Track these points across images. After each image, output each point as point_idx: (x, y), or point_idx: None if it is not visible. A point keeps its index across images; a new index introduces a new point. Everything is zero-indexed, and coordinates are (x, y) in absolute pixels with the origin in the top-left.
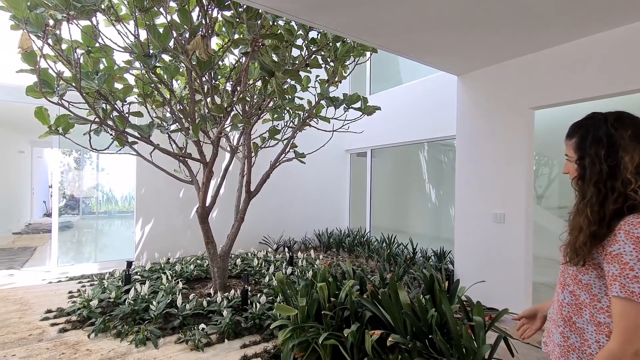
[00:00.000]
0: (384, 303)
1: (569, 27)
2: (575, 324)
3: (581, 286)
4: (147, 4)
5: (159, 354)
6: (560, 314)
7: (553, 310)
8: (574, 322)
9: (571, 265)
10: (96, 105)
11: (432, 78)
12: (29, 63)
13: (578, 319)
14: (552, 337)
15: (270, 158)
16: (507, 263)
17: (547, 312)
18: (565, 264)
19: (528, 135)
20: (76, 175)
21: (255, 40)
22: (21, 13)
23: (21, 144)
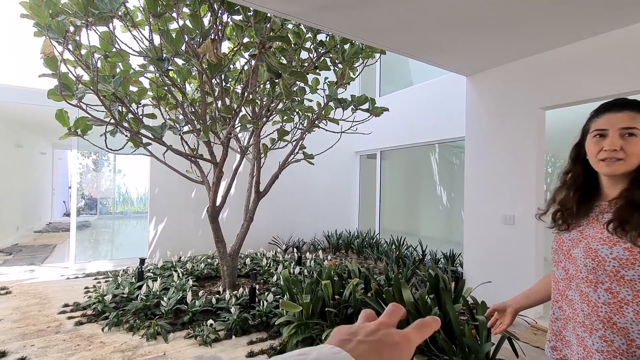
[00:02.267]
0: (388, 301)
1: (580, 25)
2: (616, 325)
3: (623, 282)
4: (160, 9)
5: (169, 348)
6: (597, 315)
7: (578, 312)
8: (615, 323)
9: None
10: (112, 108)
11: (443, 79)
12: (50, 68)
13: (620, 318)
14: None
15: (279, 159)
16: (517, 265)
17: (517, 307)
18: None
19: (538, 135)
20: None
21: (263, 42)
22: (44, 20)
23: (43, 146)
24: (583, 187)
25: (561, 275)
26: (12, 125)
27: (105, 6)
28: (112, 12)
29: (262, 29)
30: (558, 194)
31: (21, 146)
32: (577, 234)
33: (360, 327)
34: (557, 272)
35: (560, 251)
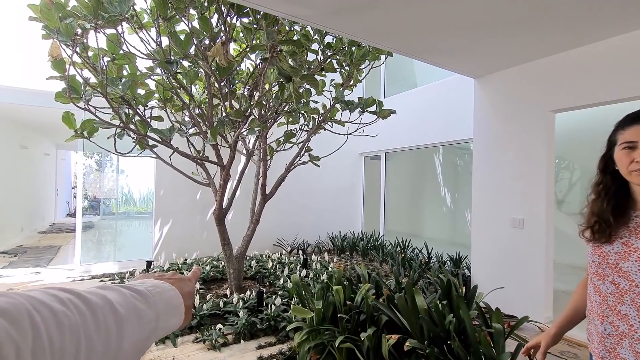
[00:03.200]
0: (400, 307)
1: (592, 28)
2: None
3: None
4: (169, 13)
5: (178, 352)
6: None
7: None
8: None
9: None
10: (120, 110)
11: (447, 81)
12: (58, 70)
13: None
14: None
15: (285, 161)
16: (526, 269)
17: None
18: None
19: (548, 138)
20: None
21: (274, 47)
22: (54, 24)
23: (47, 147)
24: (616, 197)
25: (609, 289)
26: (17, 126)
27: (115, 9)
28: (122, 15)
29: (273, 33)
30: (594, 206)
31: (26, 147)
32: (622, 246)
33: (162, 275)
34: (604, 286)
35: (605, 264)
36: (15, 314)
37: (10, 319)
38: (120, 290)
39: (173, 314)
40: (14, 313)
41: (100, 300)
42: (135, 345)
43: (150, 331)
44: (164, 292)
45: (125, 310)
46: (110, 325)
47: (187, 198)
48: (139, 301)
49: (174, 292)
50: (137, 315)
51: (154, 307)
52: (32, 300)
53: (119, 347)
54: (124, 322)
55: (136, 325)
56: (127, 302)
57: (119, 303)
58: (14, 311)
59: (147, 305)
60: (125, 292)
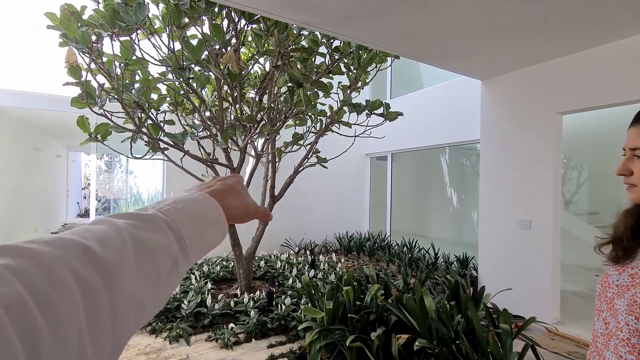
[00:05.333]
0: (409, 308)
1: (599, 30)
2: None
3: None
4: (183, 21)
5: (191, 350)
6: None
7: None
8: None
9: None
10: (133, 115)
11: (453, 82)
12: (74, 76)
13: None
14: None
15: (293, 163)
16: (533, 270)
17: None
18: None
19: (555, 140)
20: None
21: (286, 54)
22: (73, 33)
23: (58, 149)
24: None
25: (601, 329)
26: (31, 129)
27: (131, 19)
28: (137, 23)
29: (284, 40)
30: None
31: (39, 149)
32: (628, 278)
33: (208, 181)
34: (597, 324)
35: (603, 297)
36: None
37: None
38: (112, 221)
39: (209, 227)
40: None
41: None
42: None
43: (173, 260)
44: (190, 206)
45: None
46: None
47: None
48: (143, 230)
49: (206, 202)
50: (138, 248)
51: (172, 231)
52: None
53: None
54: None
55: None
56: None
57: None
58: None
59: (156, 231)
60: (118, 222)
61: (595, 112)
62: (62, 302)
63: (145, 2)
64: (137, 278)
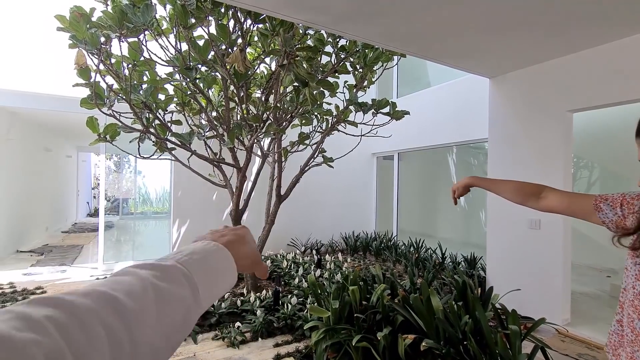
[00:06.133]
0: (416, 308)
1: (610, 27)
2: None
3: None
4: (190, 22)
5: (198, 349)
6: None
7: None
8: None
9: None
10: (141, 115)
11: (460, 80)
12: (83, 77)
13: None
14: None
15: (299, 162)
16: (543, 271)
17: None
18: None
19: (565, 138)
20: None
21: (292, 53)
22: (82, 35)
23: (68, 149)
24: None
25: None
26: (42, 130)
27: (139, 20)
28: (145, 24)
29: (290, 39)
30: None
31: (50, 150)
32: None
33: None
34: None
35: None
36: None
37: None
38: (137, 273)
39: (220, 278)
40: None
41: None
42: (165, 332)
43: (187, 309)
44: (205, 258)
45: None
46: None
47: (204, 199)
48: (164, 280)
49: (221, 253)
50: (159, 299)
51: (188, 282)
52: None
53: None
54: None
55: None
56: (142, 288)
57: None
58: None
59: (174, 282)
60: (142, 274)
61: (607, 109)
62: (93, 352)
63: (152, 3)
64: (155, 326)
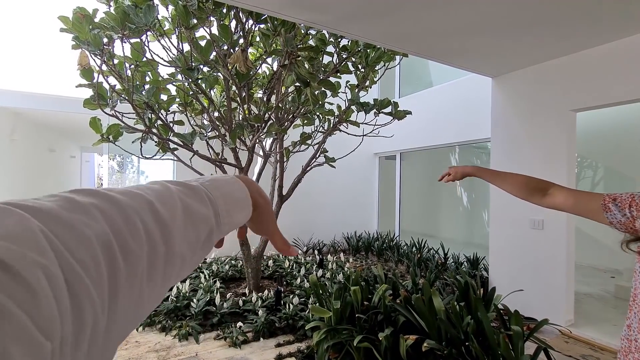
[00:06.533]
0: (418, 308)
1: (613, 25)
2: None
3: None
4: (191, 22)
5: (200, 348)
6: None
7: None
8: None
9: None
10: (144, 116)
11: (463, 79)
12: (86, 78)
13: None
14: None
15: (301, 162)
16: (546, 272)
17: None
18: None
19: (569, 138)
20: (119, 178)
21: (293, 53)
22: (85, 36)
23: (72, 150)
24: None
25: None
26: (46, 130)
27: (141, 20)
28: (147, 25)
29: (291, 39)
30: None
31: (54, 150)
32: None
33: None
34: None
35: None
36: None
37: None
38: (167, 185)
39: (238, 207)
40: (26, 236)
41: (135, 200)
42: (191, 245)
43: (210, 229)
44: (225, 185)
45: (168, 210)
46: (150, 228)
47: None
48: (190, 197)
49: (238, 184)
50: (187, 213)
51: (211, 203)
52: (38, 211)
53: (168, 251)
54: (168, 222)
55: (187, 224)
56: (172, 199)
57: (161, 201)
58: (26, 234)
59: (200, 201)
60: (171, 187)
61: (612, 109)
62: (135, 247)
63: (154, 4)
64: (183, 238)
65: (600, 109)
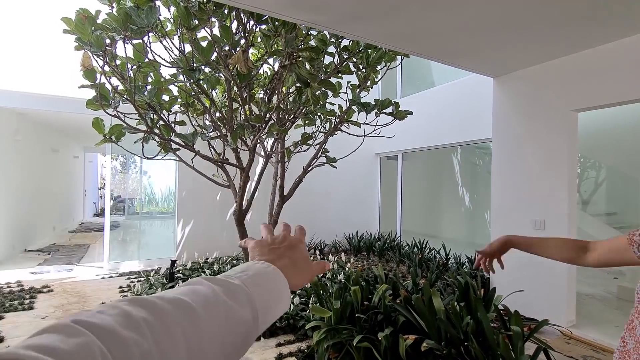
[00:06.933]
0: (418, 309)
1: (615, 25)
2: None
3: None
4: (193, 23)
5: None
6: None
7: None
8: None
9: None
10: (146, 116)
11: (466, 80)
12: (89, 79)
13: None
14: None
15: (302, 162)
16: (548, 272)
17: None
18: None
19: (570, 138)
20: (122, 178)
21: (293, 54)
22: (87, 37)
23: (76, 150)
24: None
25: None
26: (49, 131)
27: (142, 22)
28: (149, 26)
29: (291, 40)
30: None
31: (57, 151)
32: None
33: (273, 239)
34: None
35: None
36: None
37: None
38: (213, 289)
39: (277, 302)
40: (86, 355)
41: (179, 310)
42: (227, 348)
43: (247, 332)
44: (266, 282)
45: (210, 316)
46: (189, 336)
47: (208, 199)
48: (231, 299)
49: (279, 278)
50: (228, 316)
51: (252, 304)
52: (101, 331)
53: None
54: (206, 327)
55: (223, 328)
56: (217, 306)
57: (205, 308)
58: (86, 354)
59: (240, 303)
60: (217, 290)
61: (616, 109)
62: (174, 355)
63: (156, 5)
64: (221, 343)
65: (604, 109)
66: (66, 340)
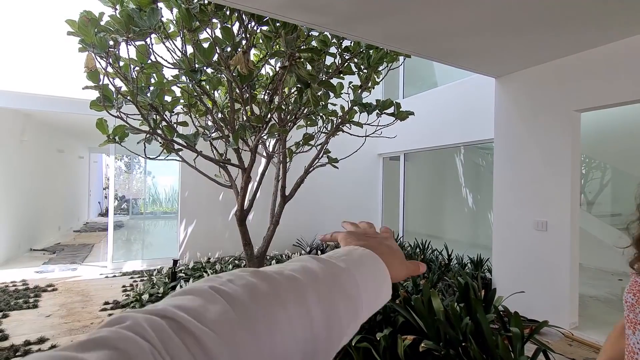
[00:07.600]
0: (417, 309)
1: (617, 25)
2: None
3: None
4: (194, 24)
5: None
6: None
7: None
8: None
9: None
10: (148, 117)
11: (467, 80)
12: (93, 80)
13: None
14: None
15: (303, 163)
16: (550, 273)
17: None
18: None
19: (573, 138)
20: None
21: (293, 55)
22: (90, 39)
23: (81, 150)
24: None
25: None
26: (55, 131)
27: (145, 23)
28: (151, 28)
29: (291, 41)
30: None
31: (62, 151)
32: None
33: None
34: (632, 338)
35: (639, 308)
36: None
37: None
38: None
39: (379, 292)
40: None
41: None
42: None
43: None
44: (370, 269)
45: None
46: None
47: (210, 199)
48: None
49: (380, 264)
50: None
51: (357, 290)
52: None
53: None
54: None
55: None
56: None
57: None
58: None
59: (346, 291)
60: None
61: (622, 110)
62: None
63: (158, 7)
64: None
65: (608, 109)
66: (207, 306)
